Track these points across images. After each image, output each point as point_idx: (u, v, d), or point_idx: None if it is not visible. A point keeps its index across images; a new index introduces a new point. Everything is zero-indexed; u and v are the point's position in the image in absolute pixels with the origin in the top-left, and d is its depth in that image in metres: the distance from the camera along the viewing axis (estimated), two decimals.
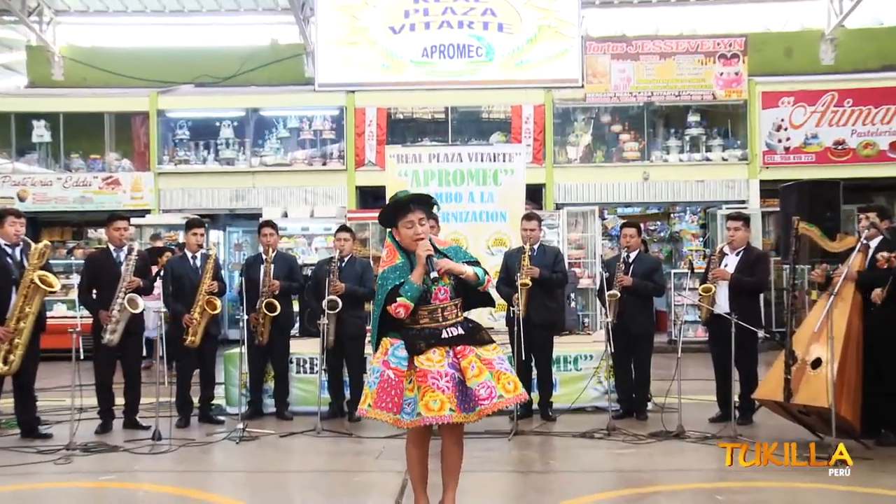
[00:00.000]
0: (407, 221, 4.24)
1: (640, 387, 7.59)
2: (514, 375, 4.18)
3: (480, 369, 4.08)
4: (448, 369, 4.10)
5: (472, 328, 4.25)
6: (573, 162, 14.91)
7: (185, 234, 7.67)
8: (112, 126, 15.34)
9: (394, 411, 4.15)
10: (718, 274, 7.13)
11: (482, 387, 4.04)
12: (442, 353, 4.13)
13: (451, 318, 4.23)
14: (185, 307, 7.26)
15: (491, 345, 4.22)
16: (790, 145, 14.41)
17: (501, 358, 4.20)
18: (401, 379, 4.17)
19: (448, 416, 4.03)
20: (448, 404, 4.03)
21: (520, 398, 4.13)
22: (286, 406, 7.78)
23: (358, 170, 14.65)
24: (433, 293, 4.23)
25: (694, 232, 15.25)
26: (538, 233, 7.71)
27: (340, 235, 7.76)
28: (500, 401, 4.04)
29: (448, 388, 4.06)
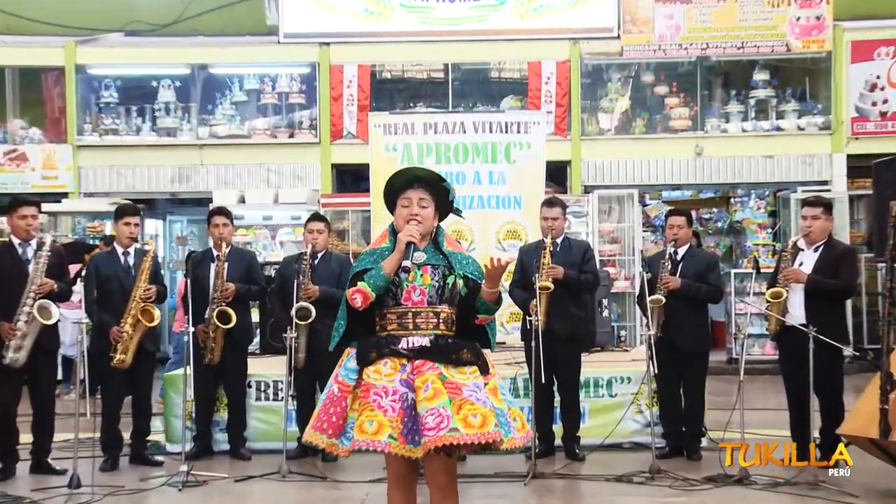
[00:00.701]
0: (405, 198, 4.33)
1: (692, 418, 7.57)
2: (487, 409, 4.04)
3: (436, 392, 4.03)
4: (398, 386, 4.11)
5: (447, 344, 4.22)
6: (606, 133, 14.90)
7: (115, 225, 7.65)
8: (16, 85, 15.33)
9: (329, 433, 4.18)
10: (792, 275, 7.10)
11: (431, 413, 3.97)
12: (395, 366, 4.15)
13: (425, 327, 4.23)
14: (114, 317, 7.23)
15: (469, 367, 4.17)
16: (887, 109, 14.38)
17: (478, 386, 4.12)
18: (344, 395, 4.21)
19: (383, 444, 4.00)
20: (387, 428, 4.02)
21: (489, 437, 3.97)
22: (243, 442, 7.77)
23: (334, 143, 14.65)
24: (405, 291, 4.24)
25: (760, 221, 15.24)
26: (562, 223, 7.69)
27: (312, 226, 7.76)
28: (453, 435, 3.92)
29: (392, 408, 4.06)
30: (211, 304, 7.58)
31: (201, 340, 7.55)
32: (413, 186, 4.33)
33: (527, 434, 4.29)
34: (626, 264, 13.13)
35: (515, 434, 4.18)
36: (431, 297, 4.25)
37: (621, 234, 13.38)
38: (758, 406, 9.35)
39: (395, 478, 4.27)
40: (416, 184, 4.33)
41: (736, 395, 6.67)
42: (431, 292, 4.25)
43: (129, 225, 7.48)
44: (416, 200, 4.30)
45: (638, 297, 8.07)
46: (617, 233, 13.40)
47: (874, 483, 6.52)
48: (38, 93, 15.33)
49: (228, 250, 7.75)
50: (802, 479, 6.47)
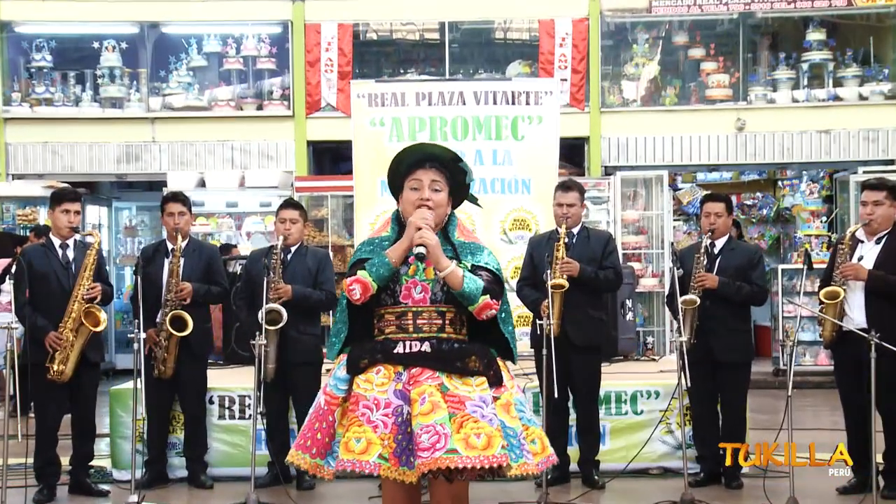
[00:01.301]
0: (414, 179, 4.33)
1: (732, 439, 7.60)
2: (493, 428, 4.05)
3: (434, 406, 4.04)
4: (392, 398, 4.14)
5: (451, 350, 4.22)
6: (631, 105, 14.92)
7: (51, 212, 7.65)
8: None
9: (312, 452, 4.23)
10: (850, 271, 7.13)
11: (427, 431, 3.99)
12: (389, 375, 4.18)
13: (427, 330, 4.25)
14: (51, 321, 7.25)
15: (477, 378, 4.18)
16: None
17: (485, 400, 4.12)
18: (332, 408, 4.25)
19: (372, 465, 4.04)
20: (377, 447, 4.05)
21: (493, 461, 3.98)
22: (203, 468, 7.81)
23: (310, 117, 14.66)
24: (403, 287, 4.27)
25: (814, 208, 15.26)
26: (579, 210, 7.72)
27: (285, 214, 7.78)
28: (450, 457, 3.93)
29: (384, 423, 4.09)
30: (163, 306, 7.61)
31: (151, 349, 7.58)
32: (424, 166, 4.32)
33: (547, 458, 4.30)
34: (654, 259, 13.17)
35: (530, 459, 4.18)
36: (435, 294, 4.27)
37: (648, 223, 13.40)
38: (809, 426, 9.40)
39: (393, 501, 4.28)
40: (427, 163, 4.32)
41: (783, 412, 6.69)
42: (435, 289, 4.26)
43: (68, 213, 7.47)
44: (428, 183, 4.29)
45: (668, 297, 8.09)
46: (643, 222, 13.43)
47: None
48: None
49: (185, 244, 7.77)
50: None
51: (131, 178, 15.26)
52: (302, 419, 7.43)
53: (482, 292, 4.19)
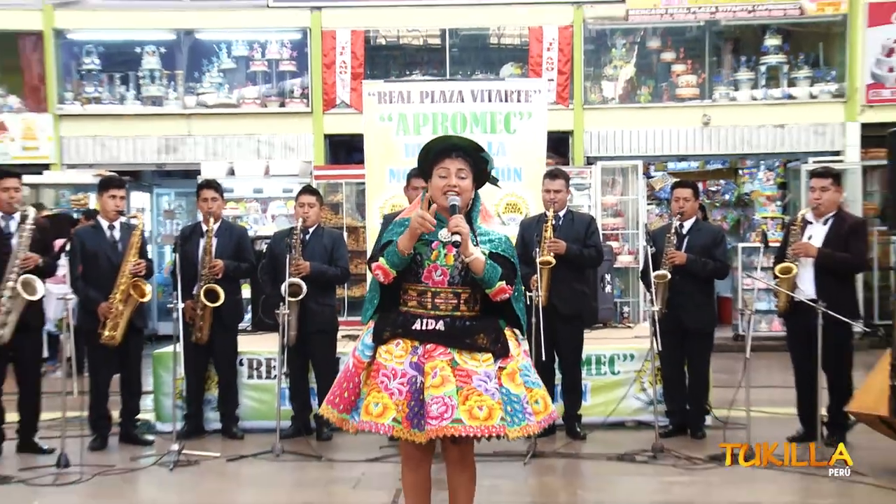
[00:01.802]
0: (442, 168, 4.31)
1: (696, 396, 7.66)
2: (494, 401, 4.09)
3: (444, 380, 4.09)
4: (408, 369, 4.19)
5: (463, 328, 4.24)
6: (610, 102, 14.88)
7: (99, 197, 7.69)
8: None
9: (339, 408, 4.28)
10: (801, 248, 7.16)
11: (436, 401, 4.04)
12: (406, 348, 4.22)
13: (443, 308, 4.27)
14: (102, 293, 7.30)
15: (484, 354, 4.21)
16: None
17: (489, 375, 4.15)
18: (358, 371, 4.29)
19: (387, 427, 4.12)
20: (392, 412, 4.12)
21: (492, 431, 4.05)
22: (235, 421, 7.86)
23: (327, 113, 14.63)
24: (426, 270, 4.29)
25: (770, 194, 15.24)
26: (565, 195, 7.74)
27: (304, 199, 7.80)
28: (455, 427, 4.00)
29: (399, 391, 4.15)
30: (199, 281, 7.64)
31: (188, 318, 7.62)
32: (451, 156, 4.30)
33: (549, 416, 4.31)
34: (630, 238, 13.18)
35: (531, 420, 4.21)
36: (453, 277, 4.28)
37: (625, 207, 13.40)
38: (764, 383, 9.42)
39: (407, 457, 4.37)
40: (454, 153, 4.31)
41: (741, 372, 6.73)
42: (453, 273, 4.27)
43: (114, 198, 7.52)
44: (455, 171, 4.28)
45: (642, 272, 8.12)
46: (620, 206, 13.43)
47: (883, 461, 6.61)
48: (16, 59, 15.21)
49: (217, 226, 7.79)
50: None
51: (170, 168, 15.20)
52: (320, 379, 7.61)
53: (499, 278, 4.22)
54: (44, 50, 14.81)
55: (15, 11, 14.81)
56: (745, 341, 6.81)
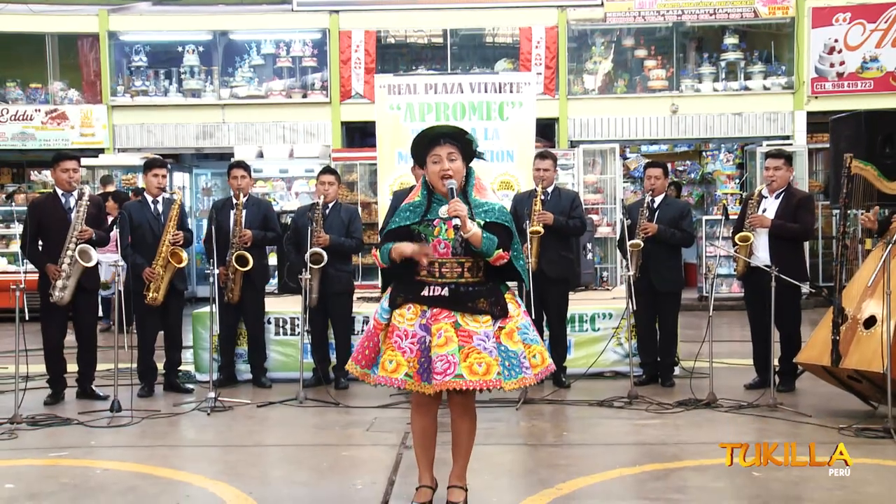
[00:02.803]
0: (434, 155, 4.27)
1: (666, 349, 7.61)
2: (492, 358, 4.08)
3: (448, 339, 4.09)
4: (418, 330, 4.18)
5: (466, 293, 4.19)
6: (590, 93, 14.79)
7: (144, 176, 7.62)
8: (55, 50, 15.13)
9: (361, 364, 4.31)
10: (756, 220, 7.10)
11: (440, 359, 4.06)
12: (416, 312, 4.21)
13: (449, 276, 4.22)
14: (146, 259, 7.25)
15: (484, 316, 4.16)
16: (844, 70, 14.23)
17: (488, 335, 4.12)
18: (377, 331, 4.31)
19: (400, 381, 4.15)
20: (405, 367, 4.15)
21: (489, 384, 4.06)
22: (263, 372, 7.83)
23: (343, 103, 14.54)
24: (431, 244, 4.23)
25: (729, 173, 15.19)
26: (553, 174, 7.67)
27: (324, 178, 7.73)
28: (457, 381, 4.02)
29: (410, 349, 4.17)
30: (230, 248, 7.58)
31: (222, 282, 7.56)
32: (440, 143, 4.26)
33: (546, 368, 4.29)
34: (609, 212, 13.13)
35: (528, 373, 4.19)
36: (455, 249, 4.22)
37: (604, 184, 13.35)
38: (725, 338, 9.38)
39: (417, 405, 4.36)
40: (442, 140, 4.27)
41: (705, 328, 6.69)
42: (455, 245, 4.22)
43: (157, 176, 7.47)
44: (445, 155, 4.23)
45: (618, 241, 8.06)
46: (600, 183, 13.37)
47: (825, 405, 6.58)
48: (75, 57, 15.14)
49: (246, 199, 7.74)
50: (763, 402, 6.52)
51: (207, 151, 15.20)
52: (338, 336, 7.58)
53: (496, 247, 4.18)
54: (99, 49, 14.78)
55: (74, 17, 14.81)
56: (708, 301, 6.77)
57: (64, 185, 7.09)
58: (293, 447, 5.92)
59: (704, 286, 13.03)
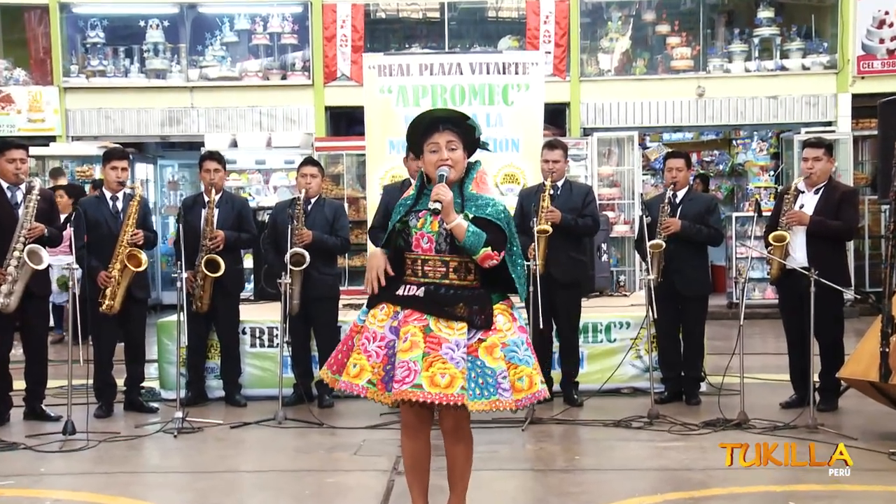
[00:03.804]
0: (432, 143, 4.25)
1: (691, 363, 7.62)
2: (458, 370, 4.01)
3: (413, 344, 4.04)
4: (387, 333, 4.17)
5: (445, 294, 4.15)
6: (606, 74, 14.80)
7: (102, 168, 7.63)
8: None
9: (333, 369, 4.31)
10: (793, 217, 7.11)
11: (402, 366, 4.03)
12: (389, 313, 4.20)
13: (432, 276, 4.20)
14: (102, 262, 7.25)
15: (459, 323, 4.10)
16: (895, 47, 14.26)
17: (459, 344, 4.06)
18: (352, 334, 4.32)
19: (361, 388, 4.14)
20: (367, 373, 4.13)
21: (450, 399, 3.97)
22: (238, 389, 7.82)
23: (328, 85, 14.54)
24: (414, 238, 4.22)
25: (763, 164, 15.21)
26: (563, 166, 7.67)
27: (306, 170, 7.73)
28: (414, 392, 3.95)
29: (376, 354, 4.15)
30: (200, 251, 7.58)
31: (189, 287, 7.56)
32: (439, 129, 4.23)
33: (533, 395, 4.17)
34: (626, 208, 13.14)
35: (505, 396, 4.09)
36: (439, 244, 4.20)
37: (621, 177, 13.36)
38: (758, 350, 9.41)
39: (406, 426, 4.33)
40: (441, 126, 4.24)
41: (736, 339, 6.70)
42: (439, 240, 4.19)
43: (116, 169, 7.45)
44: (444, 144, 4.21)
45: (637, 241, 8.07)
46: (616, 176, 13.39)
47: (873, 426, 6.59)
48: (22, 32, 15.10)
49: (219, 196, 7.74)
50: (802, 423, 6.51)
51: (173, 139, 15.19)
52: (322, 347, 7.57)
53: (483, 244, 4.11)
54: (49, 23, 14.70)
55: None
56: (738, 309, 6.78)
57: (10, 177, 7.07)
58: (271, 473, 5.90)
59: (734, 291, 13.04)
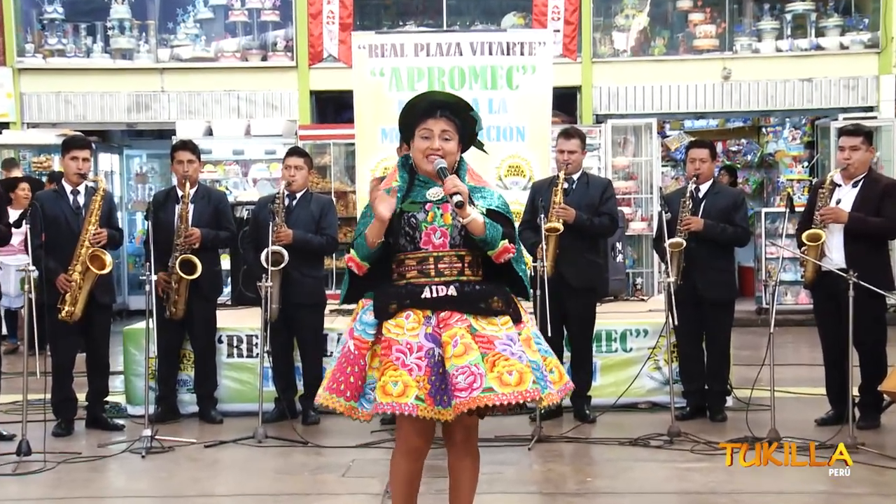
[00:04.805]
0: (425, 129, 4.25)
1: (716, 375, 7.63)
2: (523, 365, 4.07)
3: (467, 347, 4.04)
4: (424, 342, 4.12)
5: (474, 292, 4.19)
6: (621, 55, 14.81)
7: (62, 159, 7.63)
8: None
9: (347, 396, 4.20)
10: (830, 214, 7.11)
11: (462, 372, 3.99)
12: (418, 319, 4.15)
13: (448, 273, 4.21)
14: (62, 264, 7.23)
15: (501, 317, 4.17)
16: None
17: (512, 338, 4.13)
18: (362, 353, 4.22)
19: (411, 406, 4.02)
20: (414, 389, 4.04)
21: (527, 396, 4.02)
22: (213, 404, 7.83)
23: (313, 67, 14.55)
24: (423, 234, 4.22)
25: (796, 154, 15.23)
26: (580, 157, 7.68)
27: (291, 161, 7.76)
28: (487, 396, 3.96)
29: (418, 366, 4.08)
30: (174, 251, 7.58)
31: (162, 291, 7.57)
32: (435, 115, 4.24)
33: (565, 386, 4.31)
34: (644, 203, 13.14)
35: (552, 388, 4.22)
36: (454, 238, 4.21)
37: (638, 169, 13.37)
38: (790, 361, 9.41)
39: (409, 448, 4.28)
40: (439, 112, 4.25)
41: (765, 349, 6.70)
42: (454, 233, 4.21)
43: (76, 160, 7.42)
44: (438, 132, 4.22)
45: (655, 240, 8.08)
46: (633, 168, 13.39)
47: None
48: None
49: (194, 191, 7.74)
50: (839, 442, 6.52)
51: (141, 127, 15.21)
52: (306, 358, 7.58)
53: (501, 237, 4.17)
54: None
55: None
56: (768, 315, 6.78)
57: None
58: (250, 497, 5.91)
59: (764, 296, 13.05)
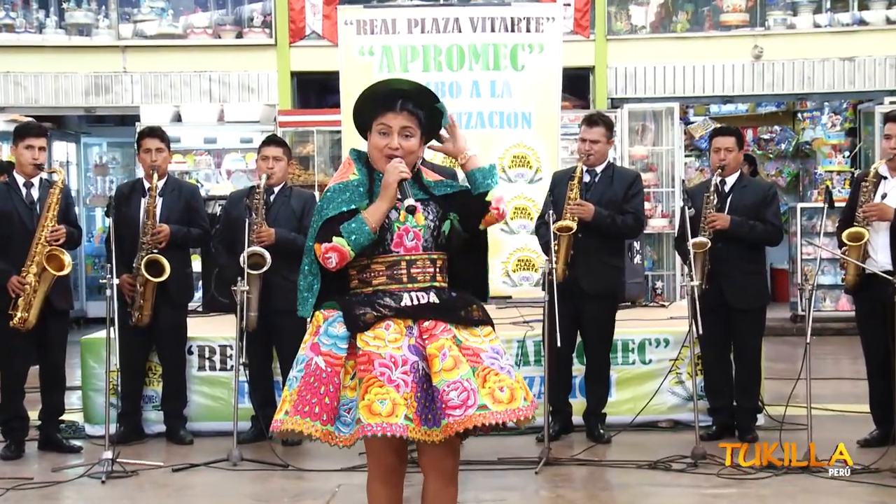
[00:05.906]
0: (382, 123, 4.25)
1: (745, 390, 7.64)
2: (512, 380, 4.10)
3: (456, 361, 4.05)
4: (408, 355, 4.12)
5: (452, 298, 4.24)
6: (639, 32, 14.81)
7: (13, 148, 7.63)
8: None
9: (322, 419, 4.17)
10: (874, 210, 7.13)
11: (454, 388, 4.00)
12: (400, 330, 4.14)
13: (422, 279, 4.23)
14: (14, 265, 7.23)
15: (484, 328, 4.21)
16: None
17: (497, 351, 4.17)
18: (336, 370, 4.18)
19: (400, 427, 4.00)
20: (402, 408, 4.02)
21: (519, 415, 4.06)
22: (182, 422, 7.85)
23: (294, 45, 14.55)
24: (395, 235, 4.22)
25: (836, 142, 15.24)
26: (605, 147, 7.65)
27: (268, 152, 7.77)
28: (482, 414, 3.98)
29: (404, 382, 4.06)
30: (139, 250, 7.59)
31: (127, 296, 7.58)
32: (395, 108, 4.23)
33: (533, 403, 4.24)
34: (664, 198, 13.17)
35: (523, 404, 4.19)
36: (427, 241, 4.24)
37: (657, 159, 13.40)
38: (829, 375, 9.43)
39: (384, 470, 4.28)
40: (399, 104, 4.23)
41: (801, 361, 6.72)
42: (426, 235, 4.24)
43: (32, 149, 7.42)
44: (398, 129, 4.22)
45: (677, 238, 8.09)
46: (652, 158, 13.42)
47: None
48: None
49: (163, 183, 7.76)
50: (885, 466, 6.52)
51: (101, 112, 15.19)
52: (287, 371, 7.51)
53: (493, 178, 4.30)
54: None
55: None
56: (804, 323, 6.79)
57: None
58: None
59: (800, 302, 13.06)
